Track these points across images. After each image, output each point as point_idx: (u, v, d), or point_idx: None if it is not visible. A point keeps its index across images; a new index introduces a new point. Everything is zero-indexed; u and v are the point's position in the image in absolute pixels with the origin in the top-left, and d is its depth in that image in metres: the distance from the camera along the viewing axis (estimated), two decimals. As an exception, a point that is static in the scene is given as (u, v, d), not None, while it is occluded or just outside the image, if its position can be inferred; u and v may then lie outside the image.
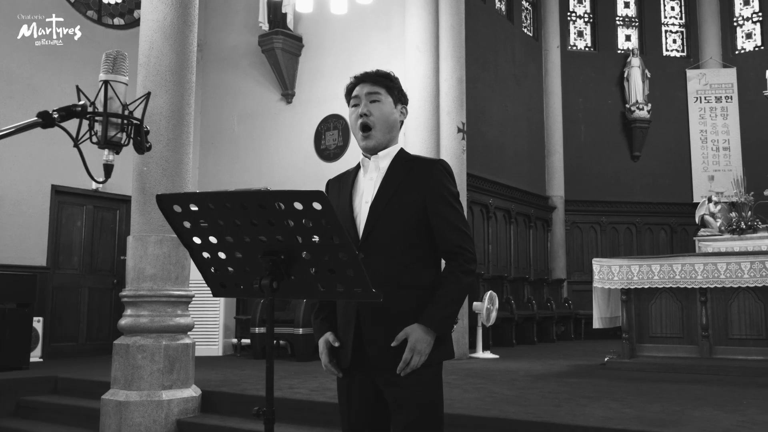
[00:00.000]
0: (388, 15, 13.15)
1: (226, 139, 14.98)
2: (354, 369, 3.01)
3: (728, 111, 19.50)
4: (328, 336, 3.07)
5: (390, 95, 3.14)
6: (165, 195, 2.52)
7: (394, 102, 3.15)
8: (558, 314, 16.64)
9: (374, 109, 3.08)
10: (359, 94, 3.12)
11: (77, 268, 12.85)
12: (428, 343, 2.86)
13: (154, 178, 7.18)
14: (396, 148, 3.16)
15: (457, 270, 2.98)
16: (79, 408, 8.00)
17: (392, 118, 3.13)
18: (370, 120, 3.07)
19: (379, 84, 3.12)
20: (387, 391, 2.95)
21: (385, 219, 2.97)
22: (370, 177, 3.10)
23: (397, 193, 3.00)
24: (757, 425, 5.53)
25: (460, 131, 12.06)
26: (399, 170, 3.06)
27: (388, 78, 3.17)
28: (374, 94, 3.10)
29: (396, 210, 2.97)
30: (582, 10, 20.35)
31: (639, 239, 19.24)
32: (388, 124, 3.11)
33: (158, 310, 7.06)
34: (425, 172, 3.04)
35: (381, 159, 3.11)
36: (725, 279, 9.02)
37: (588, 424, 5.64)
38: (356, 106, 3.12)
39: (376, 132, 3.08)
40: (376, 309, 2.88)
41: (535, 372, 9.53)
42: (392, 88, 3.15)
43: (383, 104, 3.10)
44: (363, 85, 3.13)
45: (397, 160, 3.12)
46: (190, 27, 7.56)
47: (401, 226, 2.97)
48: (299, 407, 6.81)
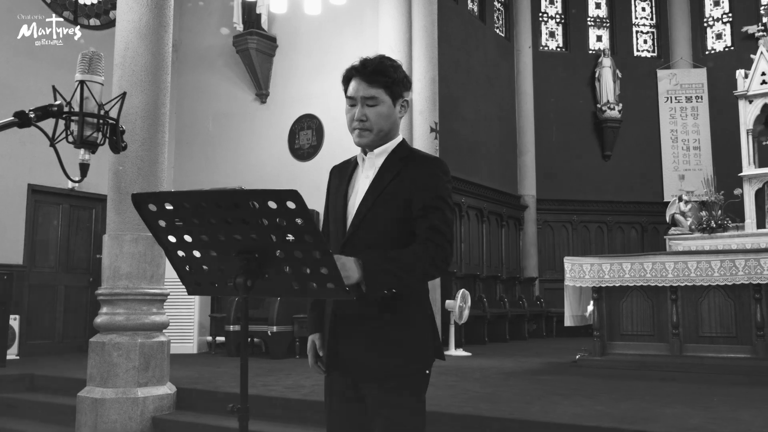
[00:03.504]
0: (362, 16, 13.21)
1: (201, 139, 15.00)
2: (332, 368, 2.94)
3: (698, 111, 19.63)
4: (316, 339, 3.05)
5: (389, 94, 2.96)
6: (140, 194, 2.51)
7: (394, 100, 2.98)
8: (530, 312, 16.71)
9: (371, 114, 2.94)
10: (355, 95, 2.96)
11: (53, 267, 12.85)
12: (351, 272, 2.60)
13: (129, 177, 7.21)
14: (394, 143, 3.03)
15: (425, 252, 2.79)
16: (55, 405, 8.01)
17: (391, 120, 2.99)
18: (366, 125, 2.95)
19: (376, 84, 2.94)
20: (366, 396, 2.87)
21: (369, 219, 2.88)
22: (366, 175, 2.99)
23: (385, 192, 2.89)
24: (727, 422, 5.59)
25: (432, 131, 12.15)
26: (391, 169, 2.94)
27: (386, 74, 2.96)
28: (371, 99, 2.94)
29: (381, 210, 2.87)
30: (553, 11, 20.45)
31: (610, 238, 19.34)
32: (387, 126, 2.98)
33: (134, 308, 7.10)
34: (417, 171, 2.91)
35: (377, 156, 3.00)
36: (695, 277, 9.05)
37: (560, 421, 5.72)
38: (353, 106, 2.98)
39: (372, 134, 2.96)
40: (351, 311, 2.82)
41: (507, 369, 9.58)
42: (391, 85, 2.96)
43: (381, 107, 2.95)
44: (359, 83, 2.96)
45: (393, 156, 2.99)
46: (165, 27, 7.60)
47: (384, 227, 2.86)
48: (273, 404, 6.85)
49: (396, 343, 2.82)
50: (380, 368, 2.81)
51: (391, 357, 2.81)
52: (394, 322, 2.83)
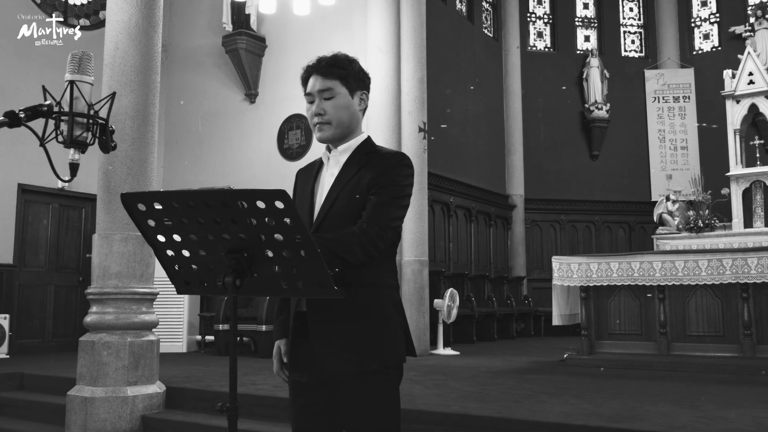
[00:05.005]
0: (350, 16, 13.23)
1: (190, 139, 14.99)
2: (304, 370, 2.92)
3: (686, 111, 19.69)
4: (282, 345, 3.02)
5: (345, 86, 2.97)
6: (130, 194, 2.50)
7: (351, 92, 2.99)
8: (518, 311, 16.74)
9: (328, 107, 2.96)
10: (312, 90, 2.99)
11: (43, 266, 12.84)
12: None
13: (119, 177, 7.22)
14: (358, 140, 3.03)
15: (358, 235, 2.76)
16: (45, 404, 8.03)
17: (349, 112, 2.99)
18: (324, 119, 2.96)
19: (331, 76, 2.96)
20: (338, 396, 2.86)
21: (332, 215, 2.87)
22: (331, 173, 2.98)
23: (347, 187, 2.88)
24: (714, 421, 5.60)
25: (421, 131, 12.18)
26: (355, 164, 2.94)
27: (341, 66, 2.99)
28: (327, 90, 2.95)
29: (343, 207, 2.86)
30: (541, 11, 20.49)
31: (598, 237, 19.37)
32: (346, 118, 2.97)
33: (123, 307, 7.12)
34: (377, 165, 2.90)
35: (341, 153, 2.99)
36: (683, 276, 9.08)
37: (547, 420, 5.74)
38: (311, 103, 3.00)
39: (332, 127, 2.96)
40: (323, 309, 2.80)
41: (495, 368, 9.61)
42: (346, 77, 2.98)
43: (338, 99, 2.96)
44: (315, 78, 2.99)
45: (357, 152, 2.99)
46: (154, 28, 7.61)
47: (349, 218, 2.83)
48: (262, 403, 6.85)
49: (371, 339, 2.82)
50: (356, 365, 2.80)
51: (366, 353, 2.81)
52: (367, 319, 2.83)
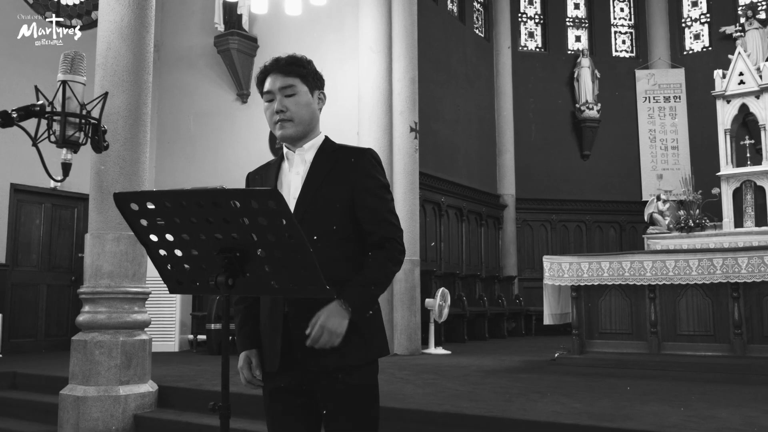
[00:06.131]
0: (342, 16, 13.25)
1: (182, 139, 14.98)
2: (282, 373, 2.88)
3: (676, 110, 19.76)
4: (252, 356, 2.98)
5: (305, 83, 2.98)
6: (122, 193, 2.49)
7: (311, 90, 3.00)
8: (509, 311, 16.78)
9: (290, 104, 2.94)
10: (272, 88, 2.97)
11: (36, 266, 12.83)
12: (340, 323, 2.72)
13: (111, 176, 7.24)
14: (320, 139, 3.04)
15: (386, 256, 2.87)
16: (37, 403, 8.04)
17: (310, 109, 2.99)
18: (286, 116, 2.94)
19: (291, 74, 2.96)
20: (319, 394, 2.87)
21: (311, 215, 2.85)
22: (297, 171, 2.98)
23: (323, 186, 2.89)
24: (705, 420, 5.62)
25: (412, 131, 12.21)
26: (324, 162, 2.95)
27: (300, 65, 3.00)
28: (288, 87, 2.95)
29: (322, 205, 2.86)
30: (533, 12, 20.55)
31: (589, 237, 19.43)
32: (308, 116, 2.97)
33: (115, 306, 7.13)
34: (352, 163, 2.93)
35: (306, 151, 2.99)
36: (673, 276, 9.07)
37: (538, 419, 5.76)
38: (270, 101, 2.98)
39: (294, 124, 2.95)
40: (305, 309, 2.77)
41: (486, 368, 9.63)
42: (306, 75, 2.99)
43: (299, 96, 2.96)
44: (275, 76, 2.98)
45: (323, 150, 2.99)
46: (146, 28, 7.63)
47: (328, 222, 2.86)
48: (254, 402, 6.74)
49: (354, 336, 2.79)
50: (339, 361, 2.80)
51: (349, 350, 2.80)
52: None
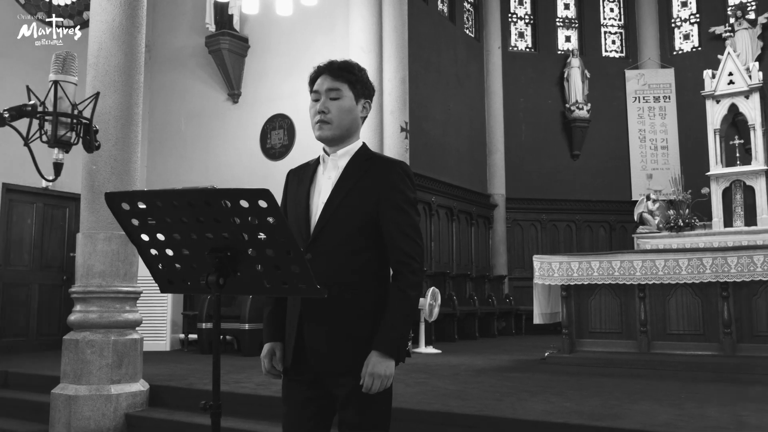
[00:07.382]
0: (333, 16, 13.28)
1: (173, 139, 15.00)
2: (295, 367, 2.93)
3: (666, 111, 19.79)
4: (277, 348, 3.02)
5: (352, 90, 3.01)
6: (113, 193, 2.53)
7: (356, 97, 3.03)
8: (499, 310, 16.77)
9: (332, 107, 2.97)
10: (320, 88, 3.00)
11: (27, 265, 12.83)
12: (387, 366, 2.79)
13: (103, 176, 7.25)
14: (356, 146, 3.04)
15: (403, 286, 2.87)
16: (29, 402, 8.04)
17: (352, 116, 3.01)
18: (327, 118, 2.96)
19: (340, 79, 3.00)
20: (334, 390, 2.90)
21: (335, 220, 2.88)
22: (329, 176, 2.99)
23: (350, 194, 2.90)
24: (694, 419, 5.62)
25: (403, 130, 12.25)
26: (356, 170, 2.95)
27: (351, 71, 3.03)
28: (334, 90, 2.98)
29: (347, 212, 2.88)
30: (523, 12, 20.58)
31: (579, 236, 19.46)
32: (347, 121, 2.99)
33: (107, 305, 7.14)
34: (382, 174, 2.93)
35: (339, 158, 3.00)
36: (663, 275, 9.11)
37: (529, 418, 5.76)
38: (316, 101, 3.01)
39: (332, 127, 2.97)
40: (319, 310, 2.82)
41: (476, 367, 9.62)
42: (354, 82, 3.02)
43: (343, 101, 2.98)
44: (324, 78, 3.02)
45: (356, 158, 3.00)
46: (138, 28, 7.64)
47: (351, 229, 2.88)
48: (245, 401, 6.87)
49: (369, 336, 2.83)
50: (354, 361, 2.82)
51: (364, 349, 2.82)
52: (364, 317, 2.86)
